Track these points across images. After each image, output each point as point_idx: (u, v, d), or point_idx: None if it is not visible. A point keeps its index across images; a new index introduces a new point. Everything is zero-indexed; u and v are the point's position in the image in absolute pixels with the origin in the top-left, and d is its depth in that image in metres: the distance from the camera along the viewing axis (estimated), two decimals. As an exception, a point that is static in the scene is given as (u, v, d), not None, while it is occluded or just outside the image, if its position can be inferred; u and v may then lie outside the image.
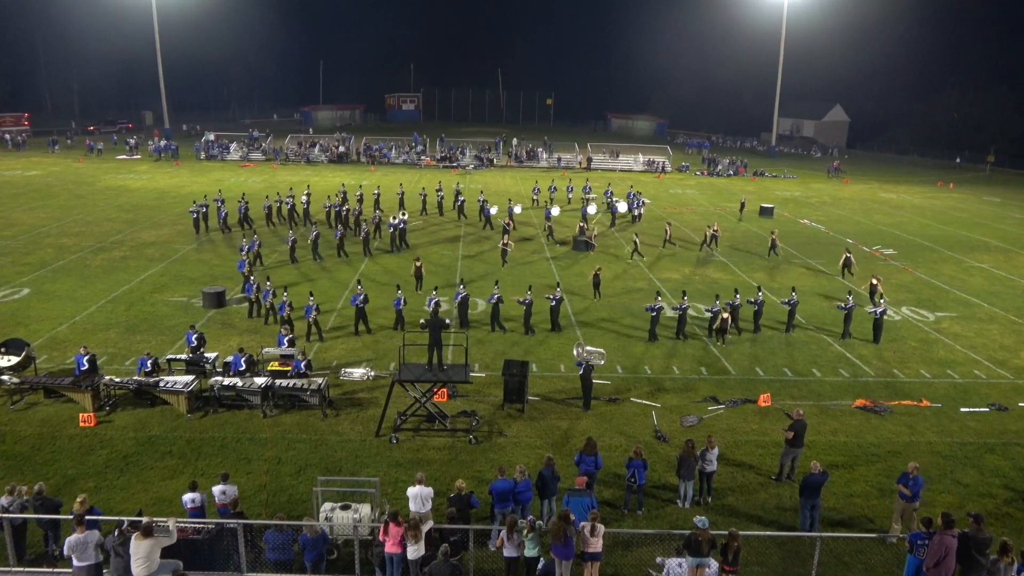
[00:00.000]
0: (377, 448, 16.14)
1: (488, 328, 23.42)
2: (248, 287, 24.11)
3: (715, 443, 14.59)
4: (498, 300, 23.20)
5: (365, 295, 22.70)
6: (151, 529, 10.78)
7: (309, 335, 22.10)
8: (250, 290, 23.95)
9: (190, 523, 12.16)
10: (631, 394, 19.37)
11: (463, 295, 23.33)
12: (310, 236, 31.69)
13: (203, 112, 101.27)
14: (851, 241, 38.50)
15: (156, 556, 10.82)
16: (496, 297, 23.21)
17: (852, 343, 23.49)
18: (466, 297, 23.41)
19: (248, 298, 24.05)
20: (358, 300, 22.48)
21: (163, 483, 14.58)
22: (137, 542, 10.73)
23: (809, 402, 19.18)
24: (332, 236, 33.26)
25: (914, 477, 13.30)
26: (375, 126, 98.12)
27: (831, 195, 56.00)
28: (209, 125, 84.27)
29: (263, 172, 58.00)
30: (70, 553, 11.00)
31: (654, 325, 23.16)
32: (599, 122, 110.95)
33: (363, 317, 22.71)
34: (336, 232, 32.76)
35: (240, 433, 16.65)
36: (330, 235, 33.87)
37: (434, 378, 16.93)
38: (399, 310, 22.92)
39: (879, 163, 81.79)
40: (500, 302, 23.25)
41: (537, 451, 16.16)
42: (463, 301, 23.32)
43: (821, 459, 15.63)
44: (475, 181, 54.36)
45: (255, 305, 24.03)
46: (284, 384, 17.79)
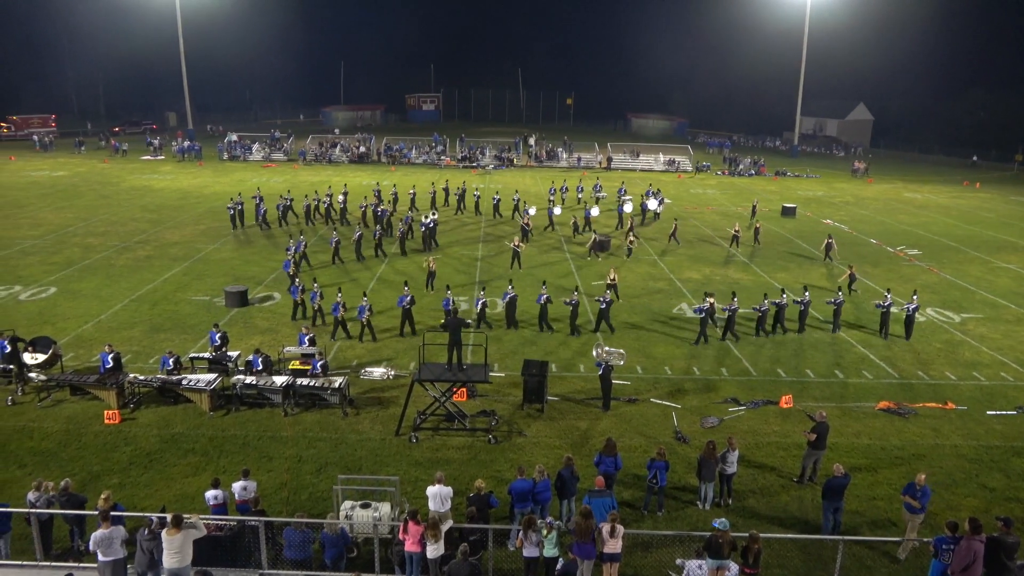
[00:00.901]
0: (397, 447, 16.20)
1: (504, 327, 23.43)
2: (294, 289, 23.94)
3: (736, 445, 14.47)
4: (547, 300, 23.30)
5: (412, 296, 22.76)
6: (180, 520, 10.94)
7: (362, 336, 22.11)
8: (295, 292, 23.81)
9: (212, 520, 12.29)
10: (651, 395, 19.28)
11: (512, 295, 23.40)
12: (353, 236, 31.98)
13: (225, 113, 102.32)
14: (875, 242, 38.05)
15: (189, 548, 10.99)
16: (544, 297, 23.28)
17: (876, 344, 23.20)
18: (515, 297, 23.46)
19: (294, 300, 23.91)
20: (404, 301, 22.45)
21: (186, 480, 14.75)
22: (169, 536, 10.90)
23: (832, 404, 18.98)
24: (371, 236, 33.32)
25: (922, 488, 12.76)
26: (395, 126, 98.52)
27: (854, 195, 55.35)
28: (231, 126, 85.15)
29: (285, 172, 58.45)
30: (95, 548, 11.16)
31: (704, 327, 23.05)
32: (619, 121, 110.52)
33: (409, 318, 22.64)
34: (375, 232, 32.88)
35: (261, 431, 16.79)
36: (369, 235, 33.89)
37: (453, 378, 16.96)
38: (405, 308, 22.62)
39: (903, 162, 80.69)
40: (549, 302, 23.37)
41: (556, 451, 16.14)
42: (511, 301, 23.39)
43: (844, 461, 15.45)
44: (495, 181, 54.41)
45: (300, 307, 23.91)
46: (305, 383, 17.92)
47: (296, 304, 23.99)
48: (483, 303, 23.27)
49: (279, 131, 72.87)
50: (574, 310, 23.16)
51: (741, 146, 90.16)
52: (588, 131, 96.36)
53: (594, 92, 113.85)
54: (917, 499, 12.76)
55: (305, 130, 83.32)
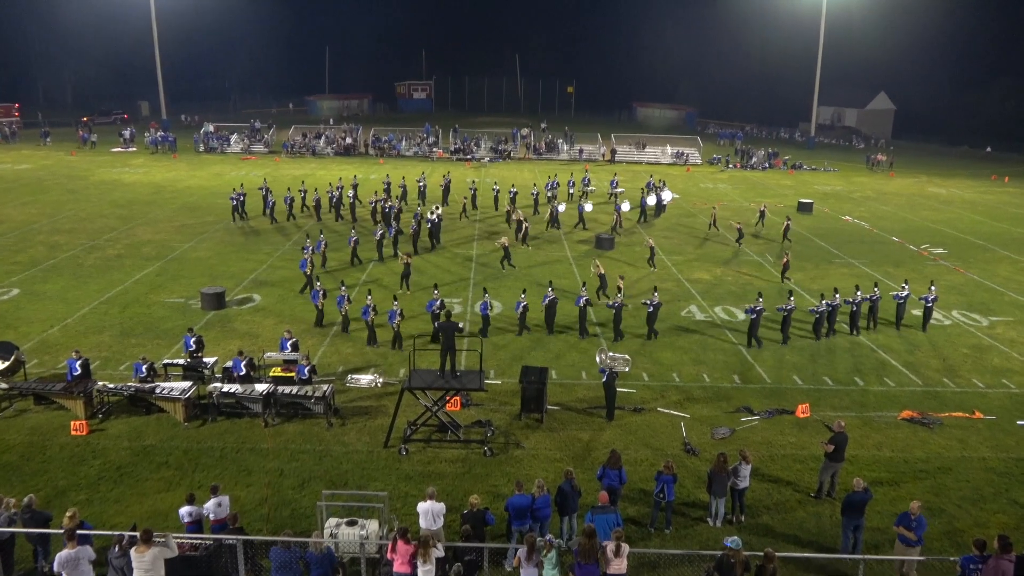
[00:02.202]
0: (385, 460, 16.17)
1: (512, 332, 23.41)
2: (315, 294, 23.66)
3: (749, 458, 14.47)
4: (587, 302, 23.47)
5: (441, 300, 22.73)
6: (150, 535, 10.90)
7: (395, 343, 22.02)
8: (317, 296, 23.53)
9: (188, 538, 12.24)
10: (658, 404, 19.27)
11: (551, 297, 23.50)
12: (375, 235, 31.96)
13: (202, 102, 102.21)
14: (897, 240, 38.13)
15: (160, 568, 10.95)
16: (584, 300, 23.43)
17: (898, 350, 23.24)
18: (555, 300, 23.56)
19: (316, 306, 23.64)
20: (434, 306, 22.38)
21: (159, 496, 14.70)
22: (138, 553, 10.85)
23: (851, 413, 18.99)
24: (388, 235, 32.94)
25: (917, 518, 12.53)
26: (384, 116, 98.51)
27: (875, 189, 55.47)
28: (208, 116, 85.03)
29: (265, 165, 58.40)
30: (60, 569, 11.11)
31: (755, 329, 23.16)
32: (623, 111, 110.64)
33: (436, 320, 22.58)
34: (390, 230, 32.79)
35: (240, 443, 16.75)
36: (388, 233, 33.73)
37: (446, 385, 16.94)
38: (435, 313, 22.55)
39: (927, 154, 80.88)
40: (588, 304, 23.52)
41: (557, 464, 16.12)
42: (551, 304, 23.49)
43: (864, 475, 15.45)
44: (491, 175, 54.42)
45: (321, 313, 23.65)
46: (287, 391, 17.88)
47: (318, 310, 23.70)
48: (524, 305, 23.44)
49: (259, 121, 72.76)
50: (617, 313, 23.29)
51: (754, 137, 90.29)
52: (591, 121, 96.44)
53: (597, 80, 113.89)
54: (912, 530, 12.50)
55: (287, 120, 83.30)
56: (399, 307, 22.17)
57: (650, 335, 23.61)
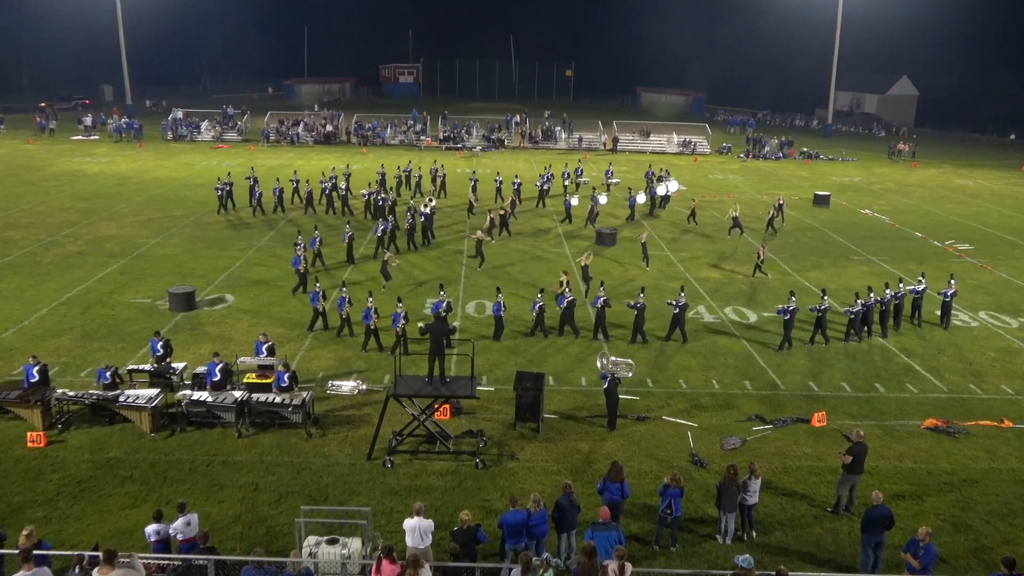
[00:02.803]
0: (369, 473, 16.16)
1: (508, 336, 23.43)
2: (314, 296, 23.54)
3: (759, 472, 14.49)
4: (605, 303, 23.45)
5: (448, 302, 22.66)
6: (114, 556, 10.84)
7: (396, 348, 21.82)
8: (316, 299, 23.42)
9: (154, 559, 12.20)
10: (663, 412, 19.31)
11: (569, 299, 23.57)
12: (376, 230, 31.95)
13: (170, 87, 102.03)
14: (920, 235, 38.26)
15: None
16: (602, 300, 23.42)
17: (921, 354, 23.33)
18: (573, 302, 23.63)
19: (315, 308, 23.53)
20: (440, 307, 22.29)
21: (123, 512, 14.65)
22: (101, 575, 10.79)
23: (871, 422, 19.06)
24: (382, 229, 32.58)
25: (925, 545, 12.45)
26: (367, 102, 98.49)
27: (896, 181, 55.66)
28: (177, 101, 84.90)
29: (239, 154, 58.28)
30: (16, 592, 11.05)
31: (789, 330, 23.29)
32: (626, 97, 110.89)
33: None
34: (386, 224, 32.48)
35: (211, 455, 16.71)
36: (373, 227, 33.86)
37: (435, 392, 16.93)
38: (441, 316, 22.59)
39: (952, 143, 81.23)
40: (607, 305, 23.53)
41: (554, 477, 16.14)
42: (569, 306, 23.56)
43: (885, 488, 15.50)
44: (483, 165, 54.42)
45: (321, 316, 23.55)
46: (262, 399, 17.85)
47: (317, 313, 23.57)
48: (540, 306, 23.48)
49: (232, 107, 72.66)
50: (639, 315, 23.36)
51: (767, 125, 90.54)
52: (591, 108, 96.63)
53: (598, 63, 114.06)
54: (918, 558, 12.44)
55: (263, 106, 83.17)
56: (403, 309, 22.05)
57: (669, 336, 23.80)
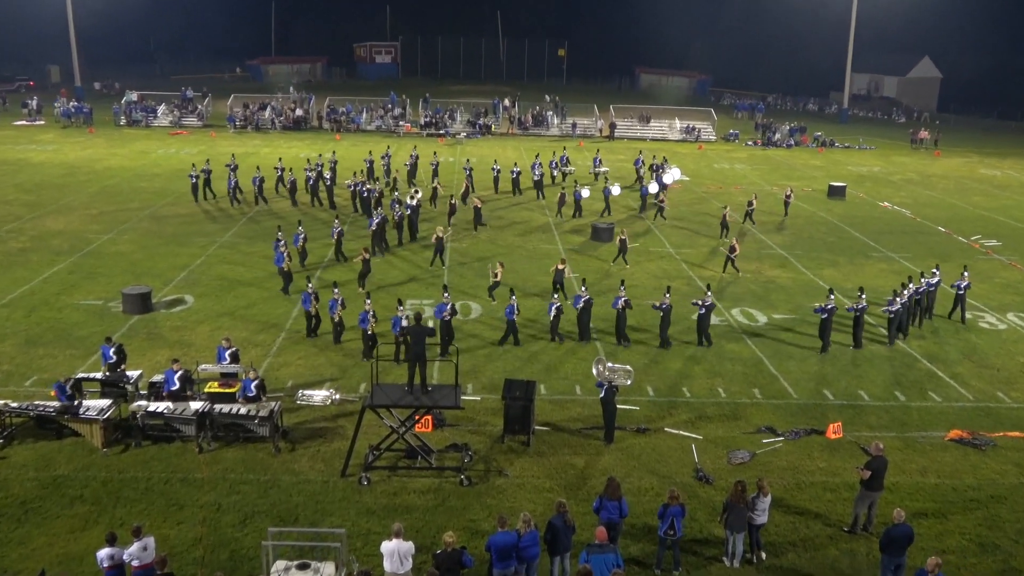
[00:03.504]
0: (343, 491, 16.13)
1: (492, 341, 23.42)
2: (306, 297, 23.41)
3: (768, 489, 14.53)
4: (626, 304, 23.57)
5: (453, 305, 22.56)
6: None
7: (398, 355, 21.85)
8: (308, 301, 23.32)
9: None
10: (665, 423, 19.35)
11: (586, 298, 23.63)
12: (371, 224, 31.93)
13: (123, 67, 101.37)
14: (944, 230, 38.48)
15: None
16: (622, 300, 23.51)
17: (945, 359, 23.48)
18: (590, 301, 23.69)
19: (307, 312, 23.46)
20: (444, 311, 22.23)
21: (72, 536, 14.56)
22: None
23: (891, 433, 19.16)
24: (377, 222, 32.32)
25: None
26: (341, 84, 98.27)
27: (918, 171, 55.99)
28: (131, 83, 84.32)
29: (200, 141, 58.04)
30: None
31: (827, 332, 23.47)
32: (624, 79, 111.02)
33: (450, 334, 22.48)
34: (381, 217, 32.31)
35: (170, 472, 16.64)
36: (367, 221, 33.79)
37: (416, 403, 16.90)
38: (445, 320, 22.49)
39: (978, 130, 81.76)
40: (628, 306, 23.66)
41: (546, 495, 16.15)
42: (587, 307, 23.63)
43: (907, 506, 15.58)
44: (468, 152, 54.39)
45: (314, 319, 23.45)
46: (226, 410, 17.79)
47: (310, 317, 23.43)
48: (557, 307, 23.55)
49: (192, 90, 72.39)
50: (665, 317, 23.50)
51: (777, 110, 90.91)
52: (586, 90, 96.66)
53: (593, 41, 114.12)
54: None
55: (225, 88, 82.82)
56: (404, 313, 21.93)
57: (701, 340, 23.98)
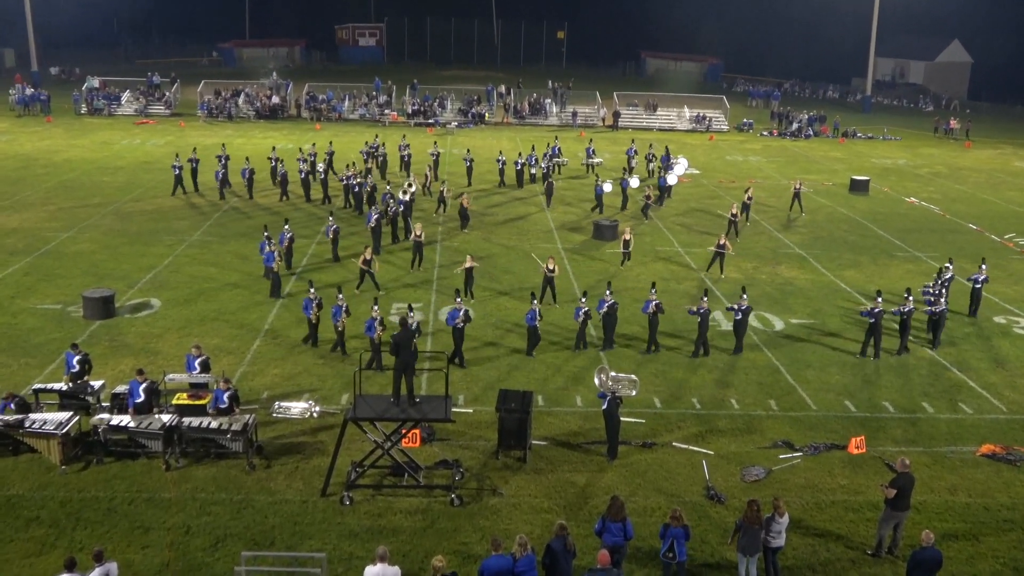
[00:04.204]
0: (324, 512, 16.11)
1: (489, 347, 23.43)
2: (307, 303, 23.26)
3: (784, 509, 14.52)
4: (657, 308, 23.62)
5: (466, 311, 22.56)
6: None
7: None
8: (309, 308, 23.17)
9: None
10: (673, 437, 19.35)
11: (611, 302, 23.67)
12: (369, 220, 32.03)
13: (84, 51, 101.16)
14: (975, 228, 38.57)
15: None
16: (654, 304, 23.58)
17: (977, 368, 23.53)
18: (614, 306, 23.77)
19: (308, 319, 23.38)
20: (457, 318, 22.20)
21: (28, 562, 14.52)
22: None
23: (918, 448, 19.18)
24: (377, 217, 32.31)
25: None
26: (321, 69, 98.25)
27: (947, 163, 56.07)
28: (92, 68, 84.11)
29: (168, 131, 57.95)
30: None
31: (878, 337, 23.70)
32: (629, 64, 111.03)
33: (460, 341, 22.54)
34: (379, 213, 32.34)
35: (134, 491, 16.60)
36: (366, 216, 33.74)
37: (402, 415, 16.88)
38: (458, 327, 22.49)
39: (1012, 119, 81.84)
40: (660, 311, 23.74)
41: (544, 516, 16.14)
42: (611, 311, 23.71)
43: (936, 527, 15.60)
44: (459, 143, 54.33)
45: (315, 328, 23.39)
46: (195, 424, 17.76)
47: (312, 324, 23.32)
48: (584, 312, 23.50)
49: (159, 75, 72.34)
50: (703, 322, 23.51)
51: (795, 97, 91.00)
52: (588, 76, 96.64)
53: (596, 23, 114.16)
54: None
55: (195, 74, 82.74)
56: (415, 319, 21.86)
57: (738, 348, 24.10)
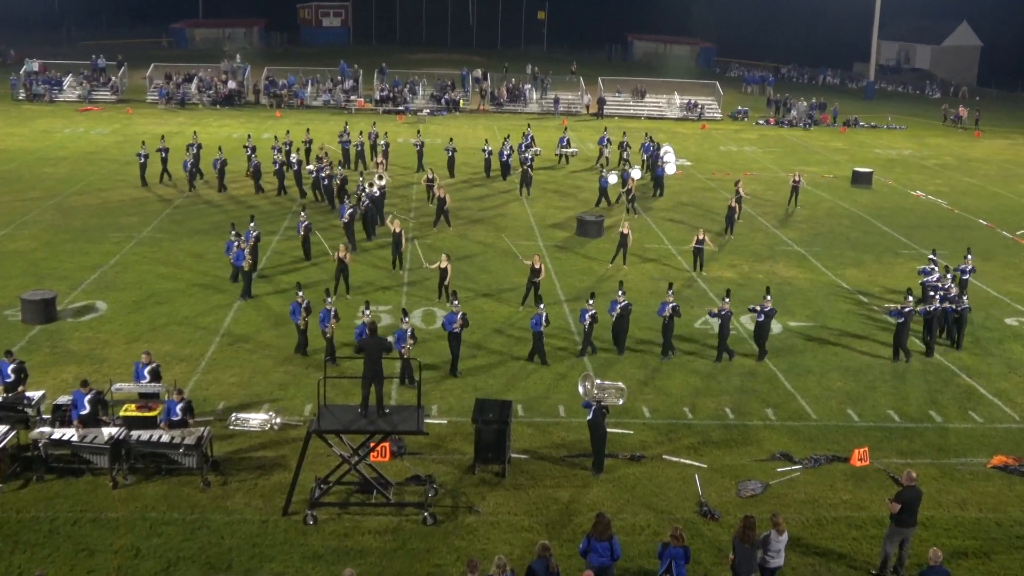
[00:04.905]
0: (286, 533, 16.05)
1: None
2: (295, 308, 23.09)
3: (783, 526, 14.58)
4: (674, 311, 23.57)
5: (464, 315, 22.52)
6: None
7: (404, 378, 21.77)
8: (297, 313, 23.04)
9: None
10: (664, 449, 19.40)
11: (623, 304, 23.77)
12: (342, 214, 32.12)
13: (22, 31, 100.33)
14: (985, 223, 38.89)
15: None
16: (671, 307, 23.50)
17: (987, 373, 23.72)
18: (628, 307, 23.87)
19: (296, 325, 23.27)
20: (455, 323, 22.18)
21: (-39, 588, 14.43)
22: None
23: (926, 460, 19.30)
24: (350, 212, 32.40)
25: None
26: (282, 52, 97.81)
27: (955, 154, 56.49)
28: (31, 50, 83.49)
29: (114, 119, 57.60)
30: None
31: (903, 337, 23.91)
32: (615, 47, 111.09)
33: (457, 349, 22.53)
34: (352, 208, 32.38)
35: (78, 511, 16.49)
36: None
37: (371, 427, 16.85)
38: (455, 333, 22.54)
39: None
40: (676, 314, 23.69)
41: (525, 535, 16.15)
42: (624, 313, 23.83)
43: (944, 544, 15.71)
44: (432, 133, 54.20)
45: (304, 334, 23.29)
46: (145, 437, 17.65)
47: (301, 331, 23.20)
48: (592, 315, 23.47)
49: (104, 58, 71.86)
50: (724, 325, 23.66)
51: (793, 83, 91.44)
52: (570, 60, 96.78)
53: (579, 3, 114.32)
54: None
55: (145, 57, 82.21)
56: (410, 326, 21.82)
57: (762, 354, 24.19)
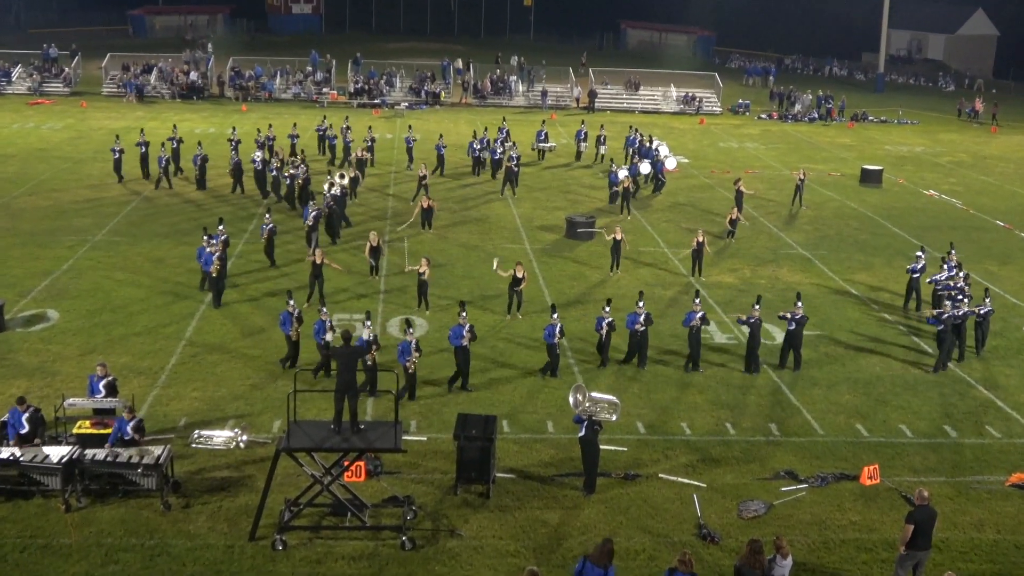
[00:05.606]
0: (253, 559, 16.02)
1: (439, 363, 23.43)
2: (286, 318, 23.07)
3: (787, 549, 14.62)
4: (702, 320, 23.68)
5: (472, 327, 22.47)
6: None
7: (408, 392, 21.75)
8: (288, 324, 23.03)
9: None
10: (660, 467, 19.42)
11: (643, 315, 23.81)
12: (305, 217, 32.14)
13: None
14: (1003, 224, 39.09)
15: None
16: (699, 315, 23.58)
17: (1005, 385, 23.83)
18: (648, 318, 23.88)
19: (287, 336, 23.28)
20: (462, 335, 22.15)
21: (-100, 620, 14.35)
22: None
23: (940, 478, 19.36)
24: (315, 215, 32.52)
25: None
26: (248, 40, 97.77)
27: (970, 151, 56.78)
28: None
29: (67, 113, 57.52)
30: None
31: (947, 345, 23.98)
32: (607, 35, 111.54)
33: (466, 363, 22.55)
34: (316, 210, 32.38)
35: (27, 537, 16.43)
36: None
37: (345, 445, 16.83)
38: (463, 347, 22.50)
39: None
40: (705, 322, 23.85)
41: (511, 560, 16.14)
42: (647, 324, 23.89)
43: (959, 568, 15.77)
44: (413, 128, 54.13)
45: (295, 347, 23.29)
46: (100, 457, 17.59)
47: (291, 342, 23.20)
48: (608, 323, 23.55)
49: (57, 48, 71.70)
50: (754, 334, 23.78)
51: (797, 75, 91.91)
52: (559, 50, 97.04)
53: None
54: None
55: (101, 46, 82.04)
56: (414, 338, 21.83)
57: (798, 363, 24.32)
